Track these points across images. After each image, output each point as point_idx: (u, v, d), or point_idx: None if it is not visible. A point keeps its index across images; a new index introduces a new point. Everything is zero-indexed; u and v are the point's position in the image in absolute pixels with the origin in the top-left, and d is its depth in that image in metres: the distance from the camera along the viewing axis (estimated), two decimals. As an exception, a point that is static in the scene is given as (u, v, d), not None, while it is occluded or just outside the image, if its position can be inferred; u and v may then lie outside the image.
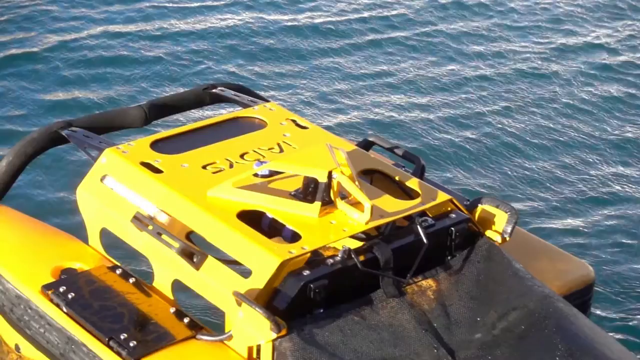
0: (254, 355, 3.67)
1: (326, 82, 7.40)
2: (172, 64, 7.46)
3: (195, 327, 3.80)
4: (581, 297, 4.32)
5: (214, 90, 4.94)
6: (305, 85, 7.34)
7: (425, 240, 3.88)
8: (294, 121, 4.53)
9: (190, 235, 4.03)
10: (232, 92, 4.91)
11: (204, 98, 4.94)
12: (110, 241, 4.20)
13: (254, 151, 4.28)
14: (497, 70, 7.61)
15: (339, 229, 3.84)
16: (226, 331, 3.72)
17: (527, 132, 6.81)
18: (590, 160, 6.44)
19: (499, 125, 6.87)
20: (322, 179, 3.88)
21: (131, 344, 3.68)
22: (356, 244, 3.87)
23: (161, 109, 4.84)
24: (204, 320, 3.95)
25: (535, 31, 8.28)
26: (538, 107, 7.17)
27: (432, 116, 6.97)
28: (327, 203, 3.92)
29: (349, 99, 7.18)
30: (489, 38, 8.13)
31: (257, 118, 4.55)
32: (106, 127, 4.71)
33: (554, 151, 6.56)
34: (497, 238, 4.10)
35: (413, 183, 4.15)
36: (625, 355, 3.89)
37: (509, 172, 6.30)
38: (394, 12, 8.49)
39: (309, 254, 3.73)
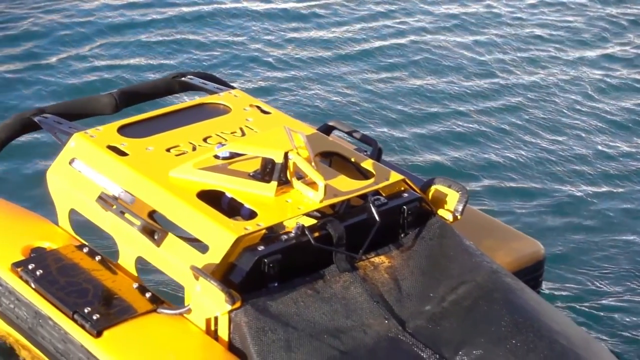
0: (212, 327, 3.84)
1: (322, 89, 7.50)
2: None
3: (157, 302, 3.96)
4: (531, 273, 4.49)
5: (183, 79, 5.11)
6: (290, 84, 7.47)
7: (377, 218, 4.04)
8: (257, 107, 4.70)
9: (153, 215, 4.19)
10: (200, 80, 5.08)
11: (174, 86, 5.11)
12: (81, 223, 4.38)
13: (217, 135, 4.44)
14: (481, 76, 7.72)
15: (294, 207, 4.01)
16: (185, 305, 3.89)
17: (486, 117, 6.98)
18: (546, 145, 6.60)
19: (462, 113, 7.04)
20: (279, 159, 4.06)
21: (94, 317, 3.85)
22: (311, 221, 4.03)
23: (131, 97, 5.00)
24: (169, 296, 4.14)
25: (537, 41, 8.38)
26: (506, 95, 7.35)
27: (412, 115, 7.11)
28: (284, 183, 4.09)
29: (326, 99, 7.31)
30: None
31: (222, 104, 4.72)
32: (77, 113, 4.87)
33: (511, 135, 6.73)
34: (449, 216, 4.26)
35: (368, 164, 4.32)
36: (569, 327, 4.06)
37: (469, 155, 6.47)
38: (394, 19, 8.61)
39: (264, 231, 3.90)
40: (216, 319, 3.81)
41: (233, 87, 5.00)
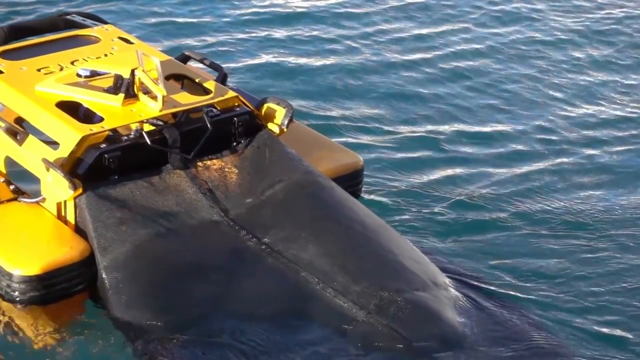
0: (62, 213, 4.59)
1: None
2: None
3: (19, 192, 4.72)
4: (351, 181, 5.21)
5: (67, 17, 5.85)
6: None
7: (209, 126, 4.80)
8: (124, 39, 5.44)
9: (21, 122, 4.92)
10: (81, 18, 5.80)
11: (58, 23, 5.82)
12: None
13: (84, 59, 5.19)
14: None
15: (137, 115, 4.76)
16: (41, 194, 4.65)
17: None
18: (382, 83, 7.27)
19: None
20: (126, 75, 4.81)
21: None
22: (152, 128, 4.77)
23: (19, 31, 5.71)
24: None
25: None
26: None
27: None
28: (132, 96, 4.83)
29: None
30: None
31: (93, 36, 5.46)
32: None
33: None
34: (276, 129, 5.01)
35: (210, 85, 5.06)
36: (368, 217, 4.79)
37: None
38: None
39: (107, 132, 4.64)
40: (65, 205, 4.57)
41: (107, 23, 5.73)
